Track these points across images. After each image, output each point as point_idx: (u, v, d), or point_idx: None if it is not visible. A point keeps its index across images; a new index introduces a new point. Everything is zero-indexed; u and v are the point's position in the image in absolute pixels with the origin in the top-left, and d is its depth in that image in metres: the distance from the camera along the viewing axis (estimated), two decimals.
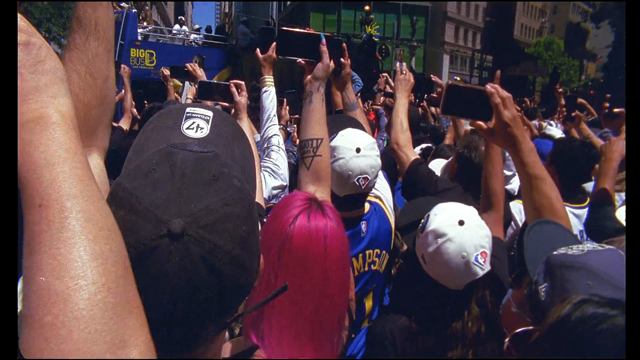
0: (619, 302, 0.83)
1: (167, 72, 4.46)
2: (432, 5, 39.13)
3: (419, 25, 37.32)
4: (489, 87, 1.49)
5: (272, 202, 2.64)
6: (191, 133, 0.81)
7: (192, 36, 16.49)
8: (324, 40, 1.70)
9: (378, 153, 1.90)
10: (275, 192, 2.66)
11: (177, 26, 16.85)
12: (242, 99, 2.28)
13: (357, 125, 2.12)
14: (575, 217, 2.44)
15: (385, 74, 5.03)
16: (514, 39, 19.54)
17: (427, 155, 3.64)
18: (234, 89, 2.29)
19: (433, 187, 2.25)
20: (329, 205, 1.18)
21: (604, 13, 30.57)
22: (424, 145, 4.19)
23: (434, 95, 2.95)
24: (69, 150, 0.55)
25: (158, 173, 0.63)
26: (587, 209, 2.34)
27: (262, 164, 2.65)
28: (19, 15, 0.60)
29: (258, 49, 2.75)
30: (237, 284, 0.64)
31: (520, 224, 2.43)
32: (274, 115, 2.71)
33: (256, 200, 1.77)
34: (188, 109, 0.85)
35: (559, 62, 45.50)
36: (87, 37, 0.92)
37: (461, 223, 1.48)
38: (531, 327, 0.96)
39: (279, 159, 2.66)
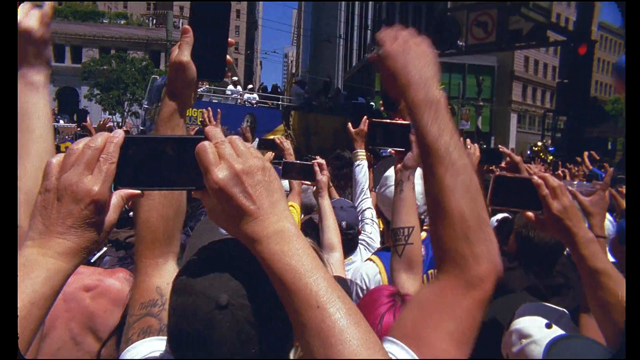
0: None
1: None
2: (499, 65, 38.82)
3: (485, 84, 36.98)
4: (536, 177, 1.43)
5: None
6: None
7: (246, 96, 16.92)
8: (413, 130, 1.64)
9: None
10: None
11: (231, 86, 17.28)
12: (323, 177, 2.39)
13: None
14: None
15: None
16: (590, 97, 18.61)
17: (502, 227, 3.31)
18: (317, 168, 2.40)
19: None
20: None
21: None
22: (500, 216, 3.88)
23: (503, 165, 2.93)
24: (314, 258, 0.68)
25: (201, 263, 0.79)
26: None
27: (359, 237, 2.79)
28: (249, 144, 0.73)
29: (350, 124, 2.90)
30: (274, 336, 0.77)
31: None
32: (367, 189, 2.87)
33: (337, 274, 1.79)
34: None
35: None
36: None
37: (549, 326, 1.41)
38: None
39: (373, 232, 2.77)
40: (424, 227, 2.22)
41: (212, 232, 0.98)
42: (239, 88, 17.78)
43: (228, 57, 1.08)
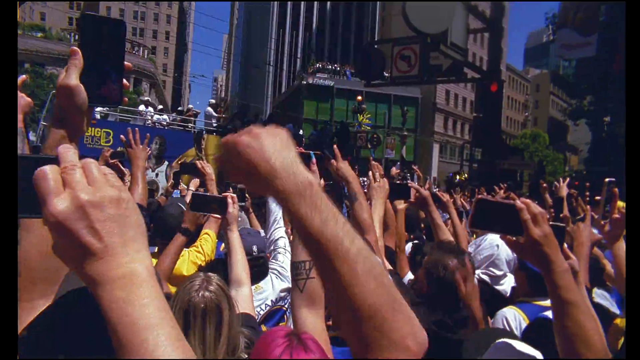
0: None
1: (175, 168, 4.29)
2: (422, 96, 41.00)
3: (410, 115, 38.83)
4: (519, 202, 1.42)
5: (279, 303, 2.71)
6: None
7: (155, 117, 16.04)
8: (313, 160, 1.62)
9: None
10: (282, 294, 2.71)
11: (142, 107, 16.41)
12: (234, 211, 2.32)
13: None
14: None
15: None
16: (501, 132, 20.11)
17: (417, 252, 3.48)
18: (230, 201, 2.32)
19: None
20: (311, 338, 1.18)
21: (580, 111, 32.30)
22: (413, 243, 4.00)
23: (412, 201, 3.04)
24: (162, 310, 0.59)
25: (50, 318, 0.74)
26: None
27: (270, 266, 2.72)
28: (108, 171, 0.64)
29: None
30: None
31: (516, 331, 2.24)
32: (280, 218, 2.78)
33: (245, 311, 1.72)
34: None
35: (545, 154, 47.08)
36: None
37: None
38: None
39: (285, 261, 2.68)
40: None
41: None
42: (151, 109, 17.01)
43: (125, 81, 1.01)
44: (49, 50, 39.75)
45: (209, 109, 16.69)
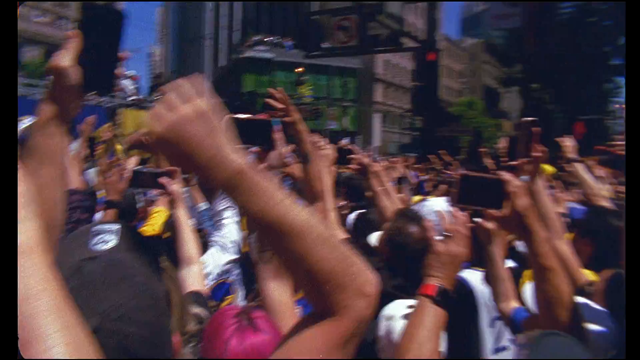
0: None
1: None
2: (362, 67, 41.21)
3: (350, 86, 39.01)
4: (505, 175, 1.47)
5: (223, 277, 2.62)
6: (99, 247, 0.87)
7: None
8: (276, 127, 1.65)
9: None
10: (227, 267, 2.63)
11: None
12: (176, 187, 2.17)
13: None
14: None
15: None
16: (439, 100, 20.69)
17: (363, 221, 3.44)
18: (164, 180, 2.16)
19: None
20: (261, 316, 1.20)
21: (511, 80, 33.88)
22: (358, 212, 4.04)
23: (353, 166, 3.00)
24: (45, 280, 0.58)
25: (70, 285, 0.68)
26: None
27: (211, 239, 2.59)
28: None
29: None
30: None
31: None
32: None
33: (196, 289, 1.75)
34: (93, 228, 0.90)
35: (481, 120, 49.06)
36: (39, 165, 0.98)
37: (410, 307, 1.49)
38: None
39: (230, 233, 2.59)
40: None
41: (71, 252, 0.86)
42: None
43: (118, 70, 1.06)
44: None
45: (126, 81, 15.53)
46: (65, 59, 0.96)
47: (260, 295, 1.42)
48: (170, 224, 2.18)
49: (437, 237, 1.48)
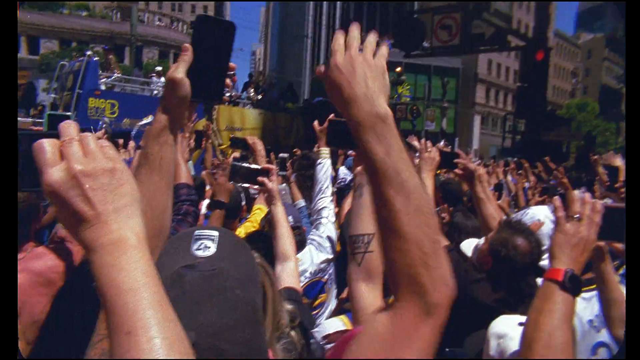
0: None
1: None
2: (463, 67, 39.74)
3: (450, 86, 37.77)
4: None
5: (318, 275, 2.68)
6: (200, 253, 0.89)
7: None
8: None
9: None
10: (322, 266, 2.67)
11: (155, 77, 15.13)
12: (273, 185, 2.16)
13: None
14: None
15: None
16: (546, 102, 19.33)
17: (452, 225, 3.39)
18: (262, 179, 2.17)
19: (463, 277, 2.13)
20: None
21: None
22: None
23: (458, 171, 2.83)
24: (147, 274, 0.60)
25: (171, 295, 0.67)
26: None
27: (309, 237, 2.65)
28: (106, 143, 0.67)
29: (316, 121, 2.77)
30: None
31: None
32: (327, 188, 2.79)
33: (290, 285, 1.80)
34: (196, 232, 0.93)
35: (594, 124, 44.89)
36: (151, 172, 1.01)
37: (522, 324, 1.41)
38: None
39: (326, 232, 2.66)
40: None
41: (175, 254, 0.92)
42: (163, 79, 16.62)
43: (227, 80, 1.07)
44: (93, 29, 40.73)
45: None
46: (178, 71, 0.99)
47: (351, 297, 1.41)
48: (269, 220, 2.19)
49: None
